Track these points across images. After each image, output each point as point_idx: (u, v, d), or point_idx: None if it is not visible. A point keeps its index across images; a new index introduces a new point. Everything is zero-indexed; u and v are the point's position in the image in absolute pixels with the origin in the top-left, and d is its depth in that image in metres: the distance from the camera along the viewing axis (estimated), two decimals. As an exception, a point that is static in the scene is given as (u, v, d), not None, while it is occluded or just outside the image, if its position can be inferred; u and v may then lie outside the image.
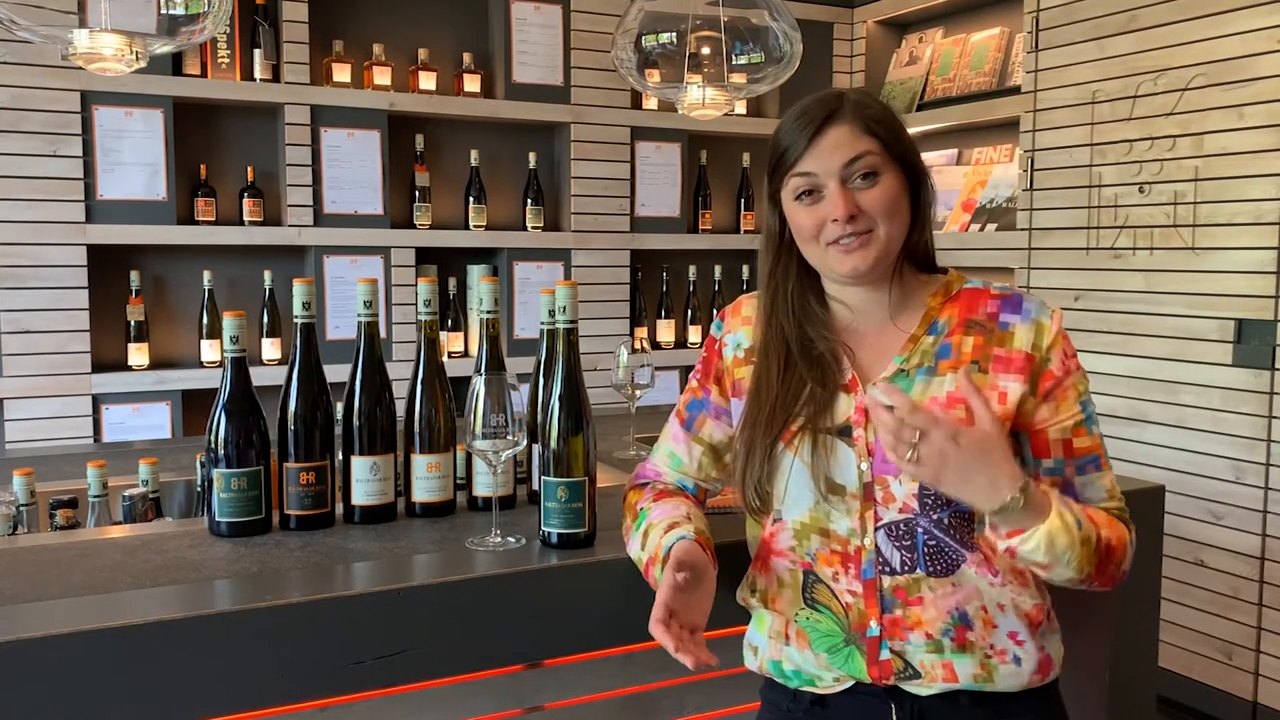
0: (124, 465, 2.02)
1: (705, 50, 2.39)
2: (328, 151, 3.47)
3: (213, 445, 1.54)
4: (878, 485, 1.27)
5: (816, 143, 1.26)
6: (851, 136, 1.26)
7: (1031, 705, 1.29)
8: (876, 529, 1.27)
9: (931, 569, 1.26)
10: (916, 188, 1.31)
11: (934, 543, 1.26)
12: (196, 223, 3.38)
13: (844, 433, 1.29)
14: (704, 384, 1.44)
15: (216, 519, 1.55)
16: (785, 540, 1.33)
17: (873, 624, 1.27)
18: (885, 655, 1.27)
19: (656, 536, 1.33)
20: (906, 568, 1.26)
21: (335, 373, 1.60)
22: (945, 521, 1.25)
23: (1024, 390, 1.26)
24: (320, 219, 3.47)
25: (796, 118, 1.29)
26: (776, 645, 1.35)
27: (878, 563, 1.27)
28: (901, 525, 1.26)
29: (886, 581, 1.27)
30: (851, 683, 1.29)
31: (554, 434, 1.48)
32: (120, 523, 1.78)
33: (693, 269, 4.20)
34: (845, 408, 1.29)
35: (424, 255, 3.67)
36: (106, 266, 3.28)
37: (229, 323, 1.56)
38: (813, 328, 1.34)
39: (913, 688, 1.27)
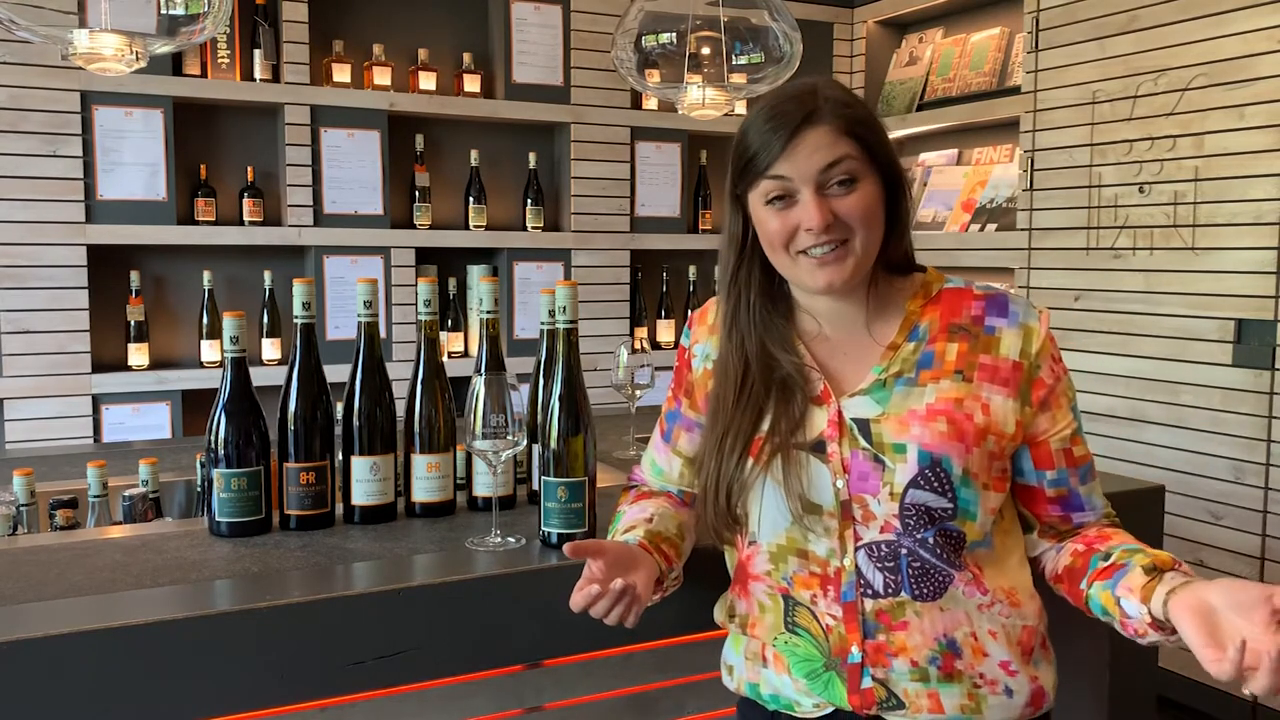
0: (124, 465, 2.02)
1: (705, 50, 2.39)
2: (328, 151, 3.47)
3: (213, 445, 1.54)
4: (855, 503, 1.20)
5: (793, 145, 1.17)
6: (830, 139, 1.17)
7: None
8: (857, 549, 1.21)
9: (917, 592, 1.19)
10: (895, 193, 1.23)
11: (919, 564, 1.19)
12: (196, 223, 3.38)
13: (817, 448, 1.22)
14: (676, 395, 1.42)
15: (216, 519, 1.55)
16: (761, 564, 1.28)
17: (854, 649, 1.21)
18: (867, 683, 1.20)
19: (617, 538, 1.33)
20: (890, 590, 1.20)
21: (335, 373, 1.60)
22: (931, 541, 1.19)
23: (1012, 403, 1.21)
24: (320, 219, 3.47)
25: (770, 118, 1.20)
26: (754, 667, 1.30)
27: (859, 585, 1.21)
28: (884, 546, 1.20)
29: (868, 605, 1.20)
30: (831, 709, 1.24)
31: (554, 434, 1.48)
32: (120, 523, 1.78)
33: (693, 269, 4.20)
34: (818, 421, 1.23)
35: (424, 255, 3.67)
36: (106, 266, 3.27)
37: (229, 323, 1.56)
38: (776, 345, 1.26)
39: (896, 718, 1.21)
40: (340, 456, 1.63)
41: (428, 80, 3.66)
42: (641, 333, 4.02)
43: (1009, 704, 1.21)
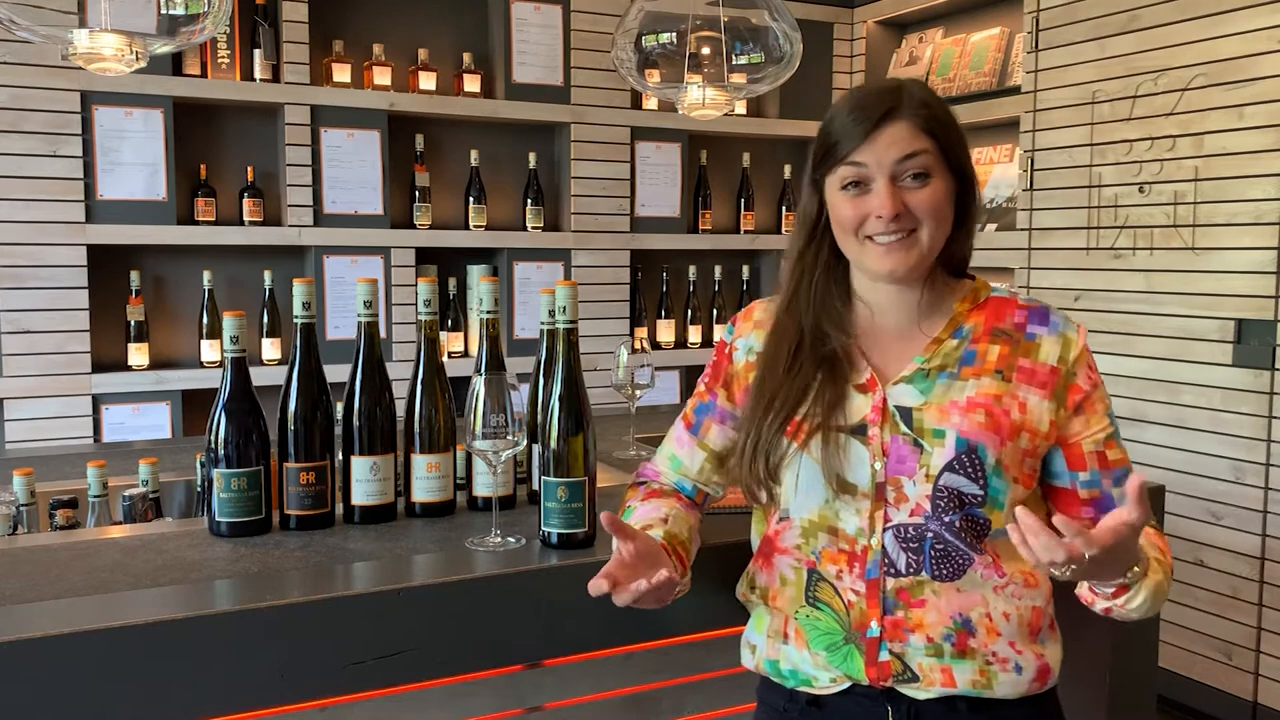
0: (124, 465, 2.02)
1: (705, 50, 2.39)
2: (328, 151, 3.47)
3: (213, 445, 1.54)
4: (890, 486, 1.26)
5: (874, 136, 1.24)
6: (909, 134, 1.25)
7: (1029, 713, 1.28)
8: (885, 529, 1.26)
9: (937, 573, 1.25)
10: (965, 194, 1.30)
11: (942, 546, 1.25)
12: (196, 223, 3.38)
13: (858, 431, 1.28)
14: (712, 388, 1.44)
15: (216, 519, 1.55)
16: (791, 538, 1.32)
17: (873, 624, 1.26)
18: (884, 657, 1.26)
19: None
20: (911, 570, 1.25)
21: (335, 373, 1.60)
22: (956, 524, 1.25)
23: (1048, 404, 1.27)
24: (320, 219, 3.48)
25: (853, 109, 1.27)
26: (774, 644, 1.34)
27: (883, 564, 1.26)
28: (911, 528, 1.25)
29: (890, 583, 1.26)
30: (848, 684, 1.28)
31: (554, 434, 1.48)
32: (120, 523, 1.78)
33: (693, 269, 4.20)
34: (861, 406, 1.29)
35: (424, 255, 3.67)
36: (106, 266, 3.28)
37: (229, 323, 1.56)
38: (830, 323, 1.33)
39: (910, 691, 1.26)
40: (340, 456, 1.63)
41: (428, 80, 3.66)
42: (641, 333, 4.02)
43: (1017, 680, 1.26)
